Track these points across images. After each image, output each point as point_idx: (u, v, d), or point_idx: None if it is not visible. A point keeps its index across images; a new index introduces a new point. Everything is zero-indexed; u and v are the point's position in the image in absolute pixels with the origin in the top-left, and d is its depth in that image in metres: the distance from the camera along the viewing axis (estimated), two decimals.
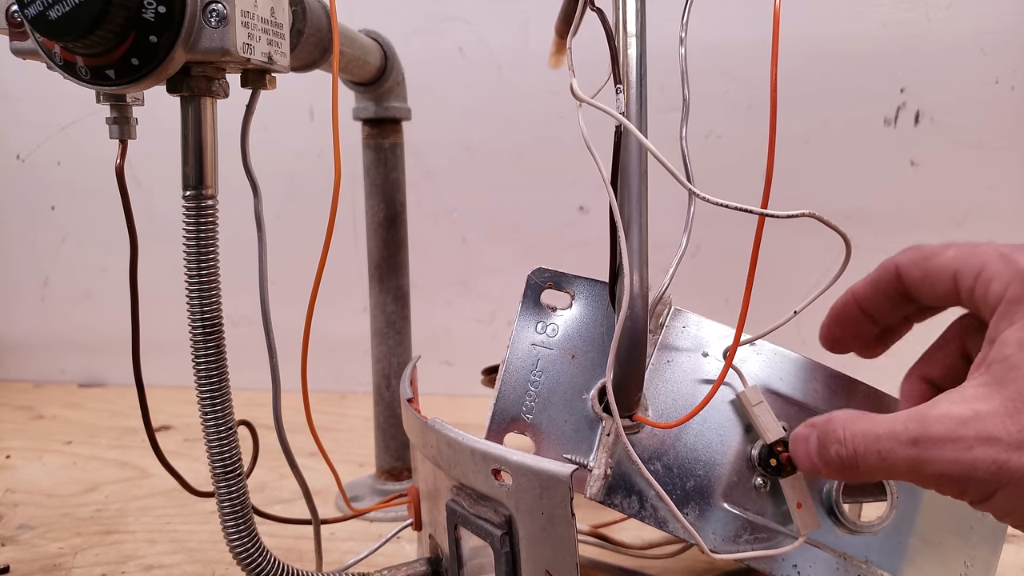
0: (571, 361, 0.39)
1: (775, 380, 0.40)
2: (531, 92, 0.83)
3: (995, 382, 0.28)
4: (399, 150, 0.60)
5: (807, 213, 0.32)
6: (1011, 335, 0.28)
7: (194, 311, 0.34)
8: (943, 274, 0.32)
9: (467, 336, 0.90)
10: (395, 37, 0.58)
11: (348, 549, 0.52)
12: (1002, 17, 0.75)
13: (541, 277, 0.40)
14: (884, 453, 0.29)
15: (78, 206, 0.96)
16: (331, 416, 0.83)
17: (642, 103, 0.34)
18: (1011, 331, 0.29)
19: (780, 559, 0.38)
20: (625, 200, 0.34)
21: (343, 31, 0.49)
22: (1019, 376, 0.27)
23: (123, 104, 0.36)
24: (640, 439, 0.38)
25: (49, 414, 0.86)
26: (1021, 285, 0.29)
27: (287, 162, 0.89)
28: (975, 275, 0.31)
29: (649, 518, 0.37)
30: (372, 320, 0.61)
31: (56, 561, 0.51)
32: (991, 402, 0.27)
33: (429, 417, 0.35)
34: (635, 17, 0.34)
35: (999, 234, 0.78)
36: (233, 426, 0.36)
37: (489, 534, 0.32)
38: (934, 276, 0.33)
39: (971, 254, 0.32)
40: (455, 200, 0.88)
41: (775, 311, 0.37)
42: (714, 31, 0.77)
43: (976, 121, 0.77)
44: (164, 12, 0.30)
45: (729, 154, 0.79)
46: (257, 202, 0.38)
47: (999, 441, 0.27)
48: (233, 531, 0.36)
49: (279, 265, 0.52)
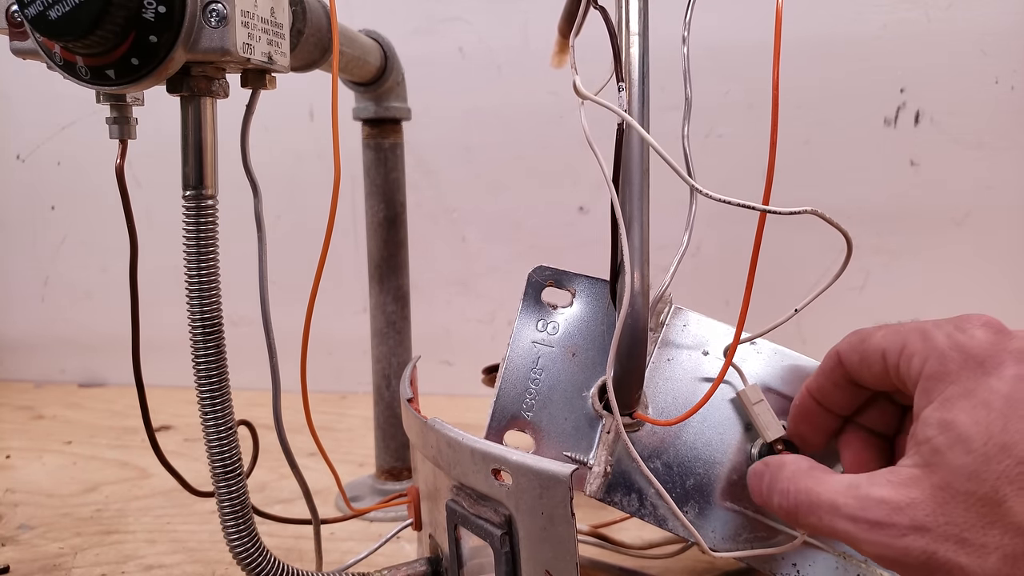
0: (572, 359, 0.39)
1: (775, 379, 0.40)
2: (531, 92, 0.83)
3: (925, 465, 0.28)
4: (399, 150, 0.60)
5: (808, 210, 0.32)
6: (931, 414, 0.29)
7: (194, 311, 0.34)
8: (875, 355, 0.33)
9: (467, 336, 0.90)
10: (395, 37, 0.58)
11: (348, 549, 0.52)
12: (1002, 17, 0.75)
13: (542, 275, 0.40)
14: (825, 520, 0.30)
15: (78, 206, 0.96)
16: (331, 416, 0.83)
17: (644, 101, 0.34)
18: (930, 410, 0.29)
19: (780, 558, 0.38)
20: (626, 198, 0.34)
21: (343, 31, 0.49)
22: (943, 462, 0.28)
23: (123, 104, 0.36)
24: (640, 437, 0.38)
25: (49, 414, 0.86)
26: (937, 361, 0.30)
27: (287, 162, 0.89)
28: (898, 353, 0.32)
29: (649, 516, 0.37)
30: (372, 320, 0.61)
31: (56, 561, 0.51)
32: (923, 489, 0.28)
33: (429, 417, 0.35)
34: (638, 16, 0.34)
35: (999, 234, 0.78)
36: (233, 426, 0.36)
37: (489, 534, 0.32)
38: (869, 358, 0.33)
39: (895, 332, 0.32)
40: (455, 200, 0.88)
41: (775, 310, 0.37)
42: (715, 31, 0.77)
43: (976, 121, 0.77)
44: (164, 12, 0.30)
45: (730, 153, 0.79)
46: (257, 202, 0.38)
47: (930, 531, 0.27)
48: (233, 531, 0.36)
49: (279, 265, 0.52)
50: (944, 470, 0.27)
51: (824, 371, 0.36)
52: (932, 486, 0.28)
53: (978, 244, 0.79)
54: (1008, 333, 0.29)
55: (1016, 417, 0.27)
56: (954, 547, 0.27)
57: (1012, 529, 0.26)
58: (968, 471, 0.27)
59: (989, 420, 0.27)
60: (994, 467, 0.26)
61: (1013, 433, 0.27)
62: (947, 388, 0.29)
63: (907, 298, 0.80)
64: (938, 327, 0.31)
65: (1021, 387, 0.27)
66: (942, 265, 0.80)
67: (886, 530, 0.28)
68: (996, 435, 0.27)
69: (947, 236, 0.79)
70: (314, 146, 0.88)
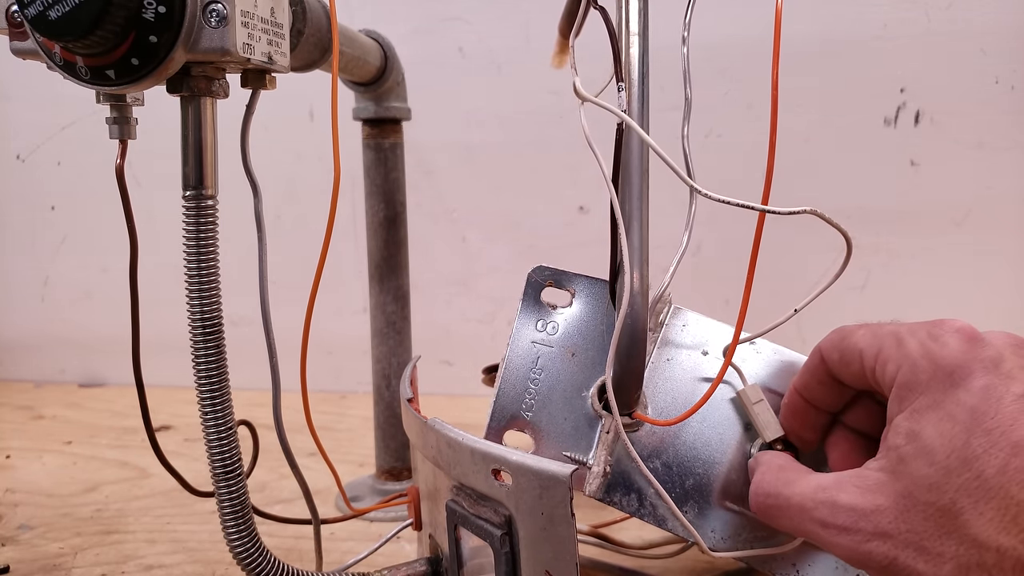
0: (571, 359, 0.39)
1: (775, 379, 0.40)
2: (531, 92, 0.83)
3: (891, 471, 0.29)
4: (399, 150, 0.60)
5: (808, 210, 0.32)
6: (901, 423, 0.30)
7: (194, 311, 0.34)
8: (854, 354, 0.33)
9: (467, 336, 0.90)
10: (395, 37, 0.58)
11: (348, 549, 0.52)
12: (1002, 17, 0.75)
13: (542, 275, 0.40)
14: (796, 522, 0.31)
15: (78, 206, 0.96)
16: (331, 416, 0.83)
17: (644, 101, 0.34)
18: (900, 418, 0.30)
19: (779, 558, 0.38)
20: (626, 198, 0.34)
21: (343, 31, 0.49)
22: (907, 471, 0.28)
23: (123, 104, 0.36)
24: (639, 437, 0.38)
25: (49, 414, 0.86)
26: (909, 370, 0.30)
27: (287, 162, 0.89)
28: (874, 356, 0.32)
29: (648, 516, 0.37)
30: (372, 320, 0.61)
31: (56, 561, 0.51)
32: (887, 495, 0.29)
33: (429, 417, 0.35)
34: (637, 16, 0.34)
35: (999, 234, 0.78)
36: (233, 426, 0.36)
37: (489, 534, 0.32)
38: (848, 357, 0.34)
39: (874, 335, 0.33)
40: (455, 200, 0.88)
41: (775, 310, 0.37)
42: (715, 30, 0.77)
43: (976, 121, 0.77)
44: (164, 12, 0.30)
45: (729, 153, 0.79)
46: (257, 202, 0.38)
47: (892, 538, 0.28)
48: (233, 531, 0.36)
49: (279, 265, 0.52)
50: (907, 479, 0.28)
51: (808, 368, 0.36)
52: (896, 493, 0.29)
53: (978, 244, 0.79)
54: (980, 341, 0.30)
55: (979, 431, 0.27)
56: (914, 554, 0.28)
57: (967, 540, 0.27)
58: (929, 482, 0.28)
59: (953, 433, 0.28)
60: (954, 480, 0.27)
61: (975, 447, 0.27)
62: (917, 399, 0.30)
63: (907, 298, 0.80)
64: (912, 333, 0.31)
65: (986, 400, 0.28)
66: (942, 265, 0.80)
67: (851, 535, 0.29)
68: (958, 449, 0.27)
69: (947, 236, 0.79)
70: (314, 146, 0.88)
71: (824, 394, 0.36)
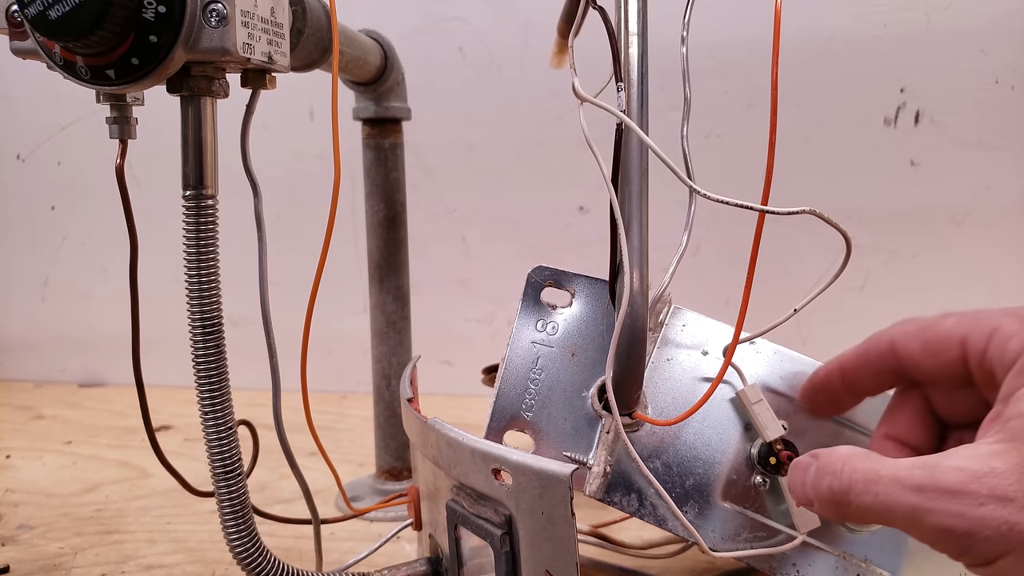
0: (571, 359, 0.39)
1: (775, 378, 0.40)
2: (531, 92, 0.83)
3: (1012, 439, 0.27)
4: (399, 150, 0.60)
5: (807, 210, 0.32)
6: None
7: (194, 311, 0.34)
8: (948, 342, 0.33)
9: (467, 336, 0.90)
10: (395, 37, 0.58)
11: (348, 549, 0.52)
12: (1002, 17, 0.75)
13: (541, 275, 0.40)
14: (883, 495, 0.28)
15: (78, 206, 0.96)
16: (331, 416, 0.83)
17: (643, 102, 0.34)
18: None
19: (779, 558, 0.38)
20: (626, 198, 0.34)
21: (343, 31, 0.50)
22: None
23: (123, 104, 0.36)
24: (640, 437, 0.38)
25: (49, 414, 0.86)
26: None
27: (287, 162, 0.89)
28: (987, 336, 0.31)
29: (648, 516, 0.37)
30: (372, 320, 0.61)
31: (56, 561, 0.51)
32: (1007, 460, 0.26)
33: (429, 417, 0.35)
34: (636, 16, 0.34)
35: (999, 234, 0.78)
36: (233, 426, 0.36)
37: (489, 534, 0.32)
38: (937, 345, 0.33)
39: (978, 318, 0.32)
40: (455, 200, 0.88)
41: (775, 310, 0.37)
42: (714, 30, 0.77)
43: (976, 121, 0.77)
44: (164, 12, 0.30)
45: (729, 154, 0.79)
46: (257, 202, 0.38)
47: (1013, 501, 0.25)
48: (233, 531, 0.36)
49: (279, 265, 0.52)
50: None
51: (865, 354, 0.36)
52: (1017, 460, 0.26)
53: (978, 244, 0.79)
54: None
55: None
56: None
57: None
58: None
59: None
60: None
61: None
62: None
63: (907, 298, 0.80)
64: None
65: None
66: (942, 265, 0.80)
67: (962, 498, 0.26)
68: None
69: (947, 236, 0.79)
70: (314, 146, 0.88)
71: (873, 383, 0.36)
